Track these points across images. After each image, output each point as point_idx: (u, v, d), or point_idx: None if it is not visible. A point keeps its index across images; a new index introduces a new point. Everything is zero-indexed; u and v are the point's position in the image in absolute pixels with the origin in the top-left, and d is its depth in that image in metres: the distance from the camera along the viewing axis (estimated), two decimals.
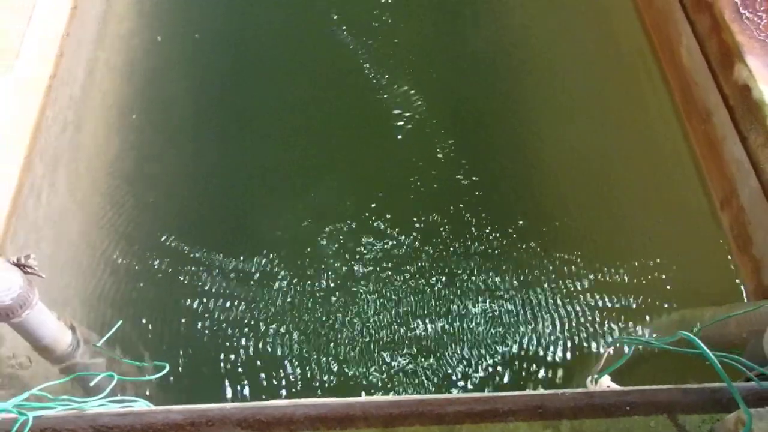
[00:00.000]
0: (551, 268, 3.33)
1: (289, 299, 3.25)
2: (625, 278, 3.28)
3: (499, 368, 3.01)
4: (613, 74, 3.99)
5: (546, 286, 3.27)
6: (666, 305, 3.19)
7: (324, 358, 3.09)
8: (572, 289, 3.26)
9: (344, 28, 4.31)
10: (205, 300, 3.24)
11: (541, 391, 1.98)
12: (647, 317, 3.17)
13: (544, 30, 4.27)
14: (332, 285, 3.30)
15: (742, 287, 3.06)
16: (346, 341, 3.13)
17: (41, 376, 2.73)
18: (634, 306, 3.20)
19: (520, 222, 3.50)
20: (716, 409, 1.99)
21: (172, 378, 2.94)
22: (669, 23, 3.57)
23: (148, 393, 2.83)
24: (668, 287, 3.23)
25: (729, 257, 3.16)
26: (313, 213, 3.53)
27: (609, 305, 3.21)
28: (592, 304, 3.22)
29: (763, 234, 2.85)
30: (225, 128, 3.92)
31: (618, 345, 2.24)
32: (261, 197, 3.68)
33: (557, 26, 4.26)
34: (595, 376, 2.30)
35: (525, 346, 3.07)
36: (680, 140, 3.59)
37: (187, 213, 3.60)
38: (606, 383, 2.30)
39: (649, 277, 3.27)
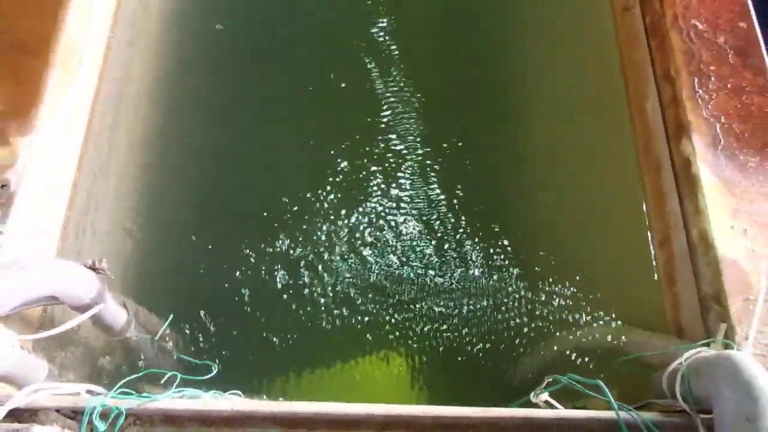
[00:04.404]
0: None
1: None
2: (565, 287, 3.99)
3: None
4: (586, 100, 4.54)
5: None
6: (596, 317, 3.95)
7: None
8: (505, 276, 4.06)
9: None
10: None
11: (497, 410, 2.70)
12: (577, 325, 3.93)
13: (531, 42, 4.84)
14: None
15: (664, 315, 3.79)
16: None
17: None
18: (566, 314, 3.95)
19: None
20: None
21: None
22: (641, 77, 4.06)
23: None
24: (601, 301, 3.94)
25: (659, 287, 3.87)
26: None
27: (542, 309, 3.98)
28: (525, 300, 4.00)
29: (683, 280, 3.53)
30: None
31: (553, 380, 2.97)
32: None
33: (543, 45, 4.81)
34: (538, 392, 3.06)
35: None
36: (635, 175, 4.19)
37: None
38: (544, 398, 3.06)
39: (587, 290, 3.97)
